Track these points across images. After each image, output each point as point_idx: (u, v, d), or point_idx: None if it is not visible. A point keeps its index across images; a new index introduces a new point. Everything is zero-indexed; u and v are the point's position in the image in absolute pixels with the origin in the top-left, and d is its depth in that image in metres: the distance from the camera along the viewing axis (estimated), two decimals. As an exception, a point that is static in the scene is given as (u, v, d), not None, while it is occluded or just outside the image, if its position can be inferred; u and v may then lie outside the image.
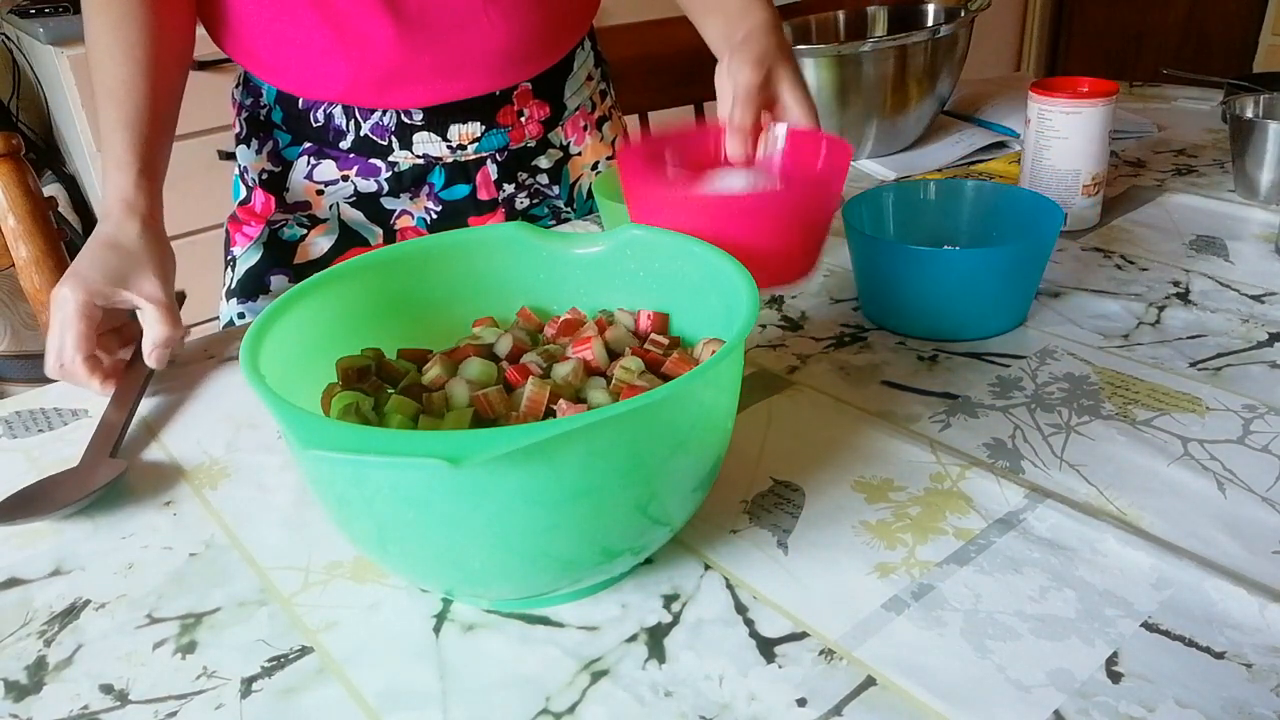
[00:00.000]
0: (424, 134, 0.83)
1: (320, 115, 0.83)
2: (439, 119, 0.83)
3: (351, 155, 0.84)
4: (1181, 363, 0.62)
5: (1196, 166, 0.98)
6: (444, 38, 0.78)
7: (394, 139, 0.83)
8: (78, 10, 1.70)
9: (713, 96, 0.68)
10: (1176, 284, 0.73)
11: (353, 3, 0.75)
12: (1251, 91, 0.95)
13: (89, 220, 1.97)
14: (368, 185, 0.86)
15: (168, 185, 0.78)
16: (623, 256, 0.55)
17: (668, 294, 0.54)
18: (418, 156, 0.85)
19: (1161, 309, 0.69)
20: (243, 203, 0.88)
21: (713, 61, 0.71)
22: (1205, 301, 0.70)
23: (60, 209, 1.85)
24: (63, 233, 0.92)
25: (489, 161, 0.87)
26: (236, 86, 0.88)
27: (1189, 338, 0.65)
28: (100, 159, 1.05)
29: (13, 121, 1.97)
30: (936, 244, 0.73)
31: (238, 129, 0.88)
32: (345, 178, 0.85)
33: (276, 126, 0.85)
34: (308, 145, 0.84)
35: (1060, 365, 0.62)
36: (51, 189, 1.90)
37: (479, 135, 0.85)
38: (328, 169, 0.85)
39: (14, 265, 0.89)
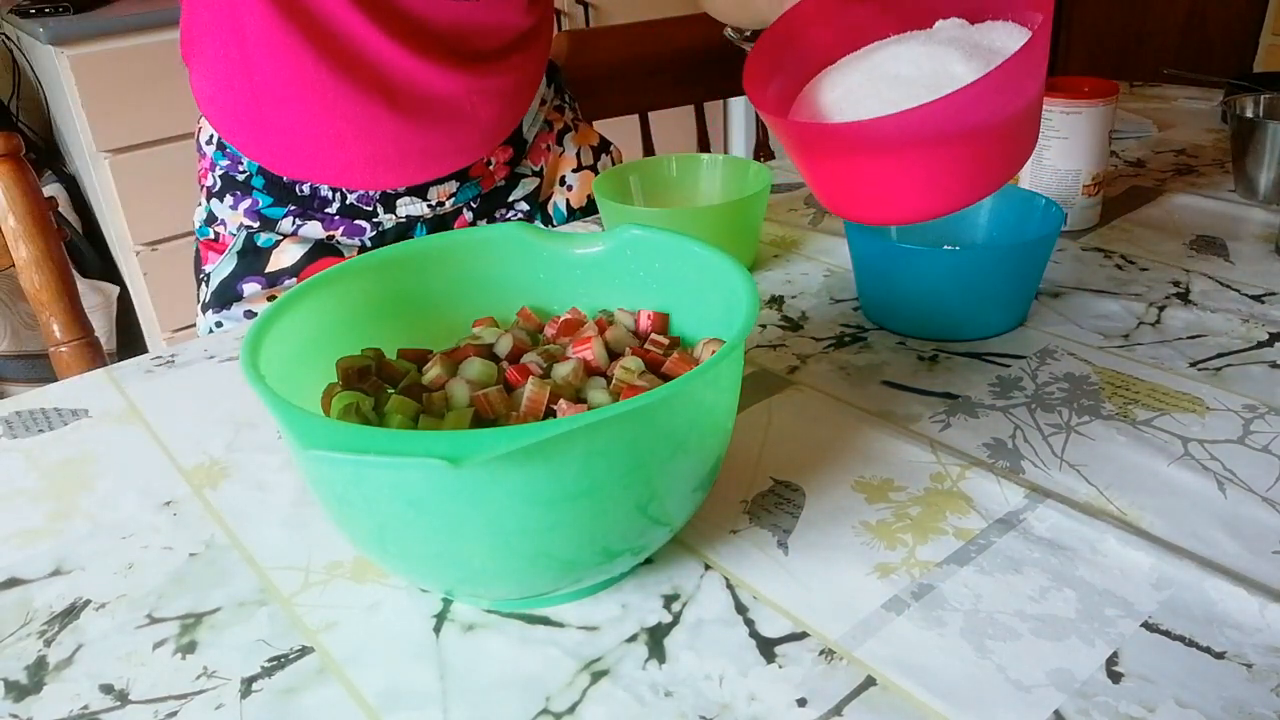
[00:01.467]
0: (406, 198, 0.87)
1: (305, 187, 0.85)
2: (420, 185, 0.86)
3: (337, 218, 0.86)
4: (1182, 363, 0.62)
5: (1197, 166, 0.98)
6: (435, 126, 0.82)
7: (379, 205, 0.86)
8: (78, 10, 1.70)
9: (712, 96, 0.68)
10: (1176, 284, 0.73)
11: (355, 97, 0.78)
12: (1252, 91, 0.95)
13: (89, 220, 1.97)
14: (353, 243, 0.88)
15: (167, 187, 0.79)
16: (623, 256, 0.55)
17: (668, 294, 0.54)
18: (401, 218, 0.87)
19: (1162, 309, 0.69)
20: (211, 239, 0.89)
21: (709, 62, 0.70)
22: (1205, 301, 0.70)
23: (60, 209, 1.85)
24: (63, 233, 0.92)
25: (465, 210, 0.91)
26: (207, 141, 0.88)
27: (1189, 338, 0.65)
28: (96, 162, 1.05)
29: (13, 121, 1.97)
30: (937, 243, 0.73)
31: (210, 183, 0.87)
32: (331, 237, 0.86)
33: (257, 189, 0.85)
34: (292, 208, 0.85)
35: (1060, 365, 0.62)
36: (51, 189, 1.90)
37: (455, 191, 0.88)
38: (314, 229, 0.86)
39: (14, 265, 0.89)
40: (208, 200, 0.88)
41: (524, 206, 0.94)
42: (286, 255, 0.86)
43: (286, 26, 0.74)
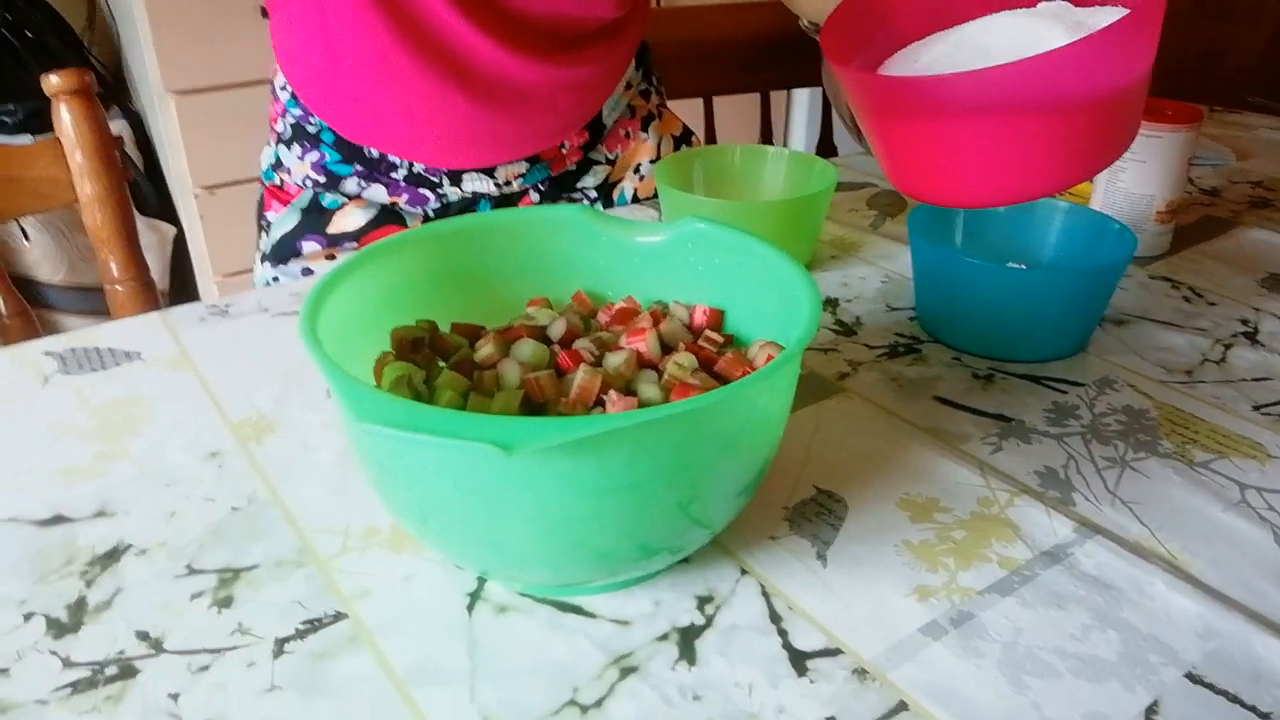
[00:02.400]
0: (473, 173, 0.86)
1: (374, 150, 0.84)
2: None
3: (402, 184, 0.85)
4: (1245, 405, 0.60)
5: (1274, 200, 0.95)
6: (509, 113, 0.81)
7: (445, 177, 0.85)
8: (158, -51, 1.71)
9: (779, 86, 0.65)
10: (1245, 322, 0.71)
11: (430, 77, 0.77)
12: (1341, 128, 0.92)
13: (152, 158, 1.99)
14: (415, 211, 0.87)
15: (232, 132, 0.79)
16: (683, 249, 0.54)
17: (725, 290, 0.53)
18: (466, 192, 0.87)
19: (1228, 347, 0.67)
20: (276, 186, 0.89)
21: (780, 50, 0.68)
22: (1274, 343, 0.68)
23: (124, 147, 1.88)
24: (127, 172, 0.93)
25: (531, 191, 0.90)
26: (282, 87, 0.88)
27: (1254, 380, 0.63)
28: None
29: (84, 54, 2.00)
30: (1002, 259, 0.72)
31: (281, 128, 0.88)
32: (394, 203, 0.86)
33: (325, 144, 0.85)
34: (359, 168, 0.85)
35: (1119, 396, 0.61)
36: (117, 125, 1.93)
37: (524, 171, 0.87)
38: (378, 192, 0.86)
39: (78, 201, 0.90)
40: (276, 145, 0.88)
41: (592, 193, 0.94)
42: (350, 219, 0.86)
43: (367, 1, 0.74)
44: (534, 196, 0.90)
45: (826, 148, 1.47)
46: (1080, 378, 0.63)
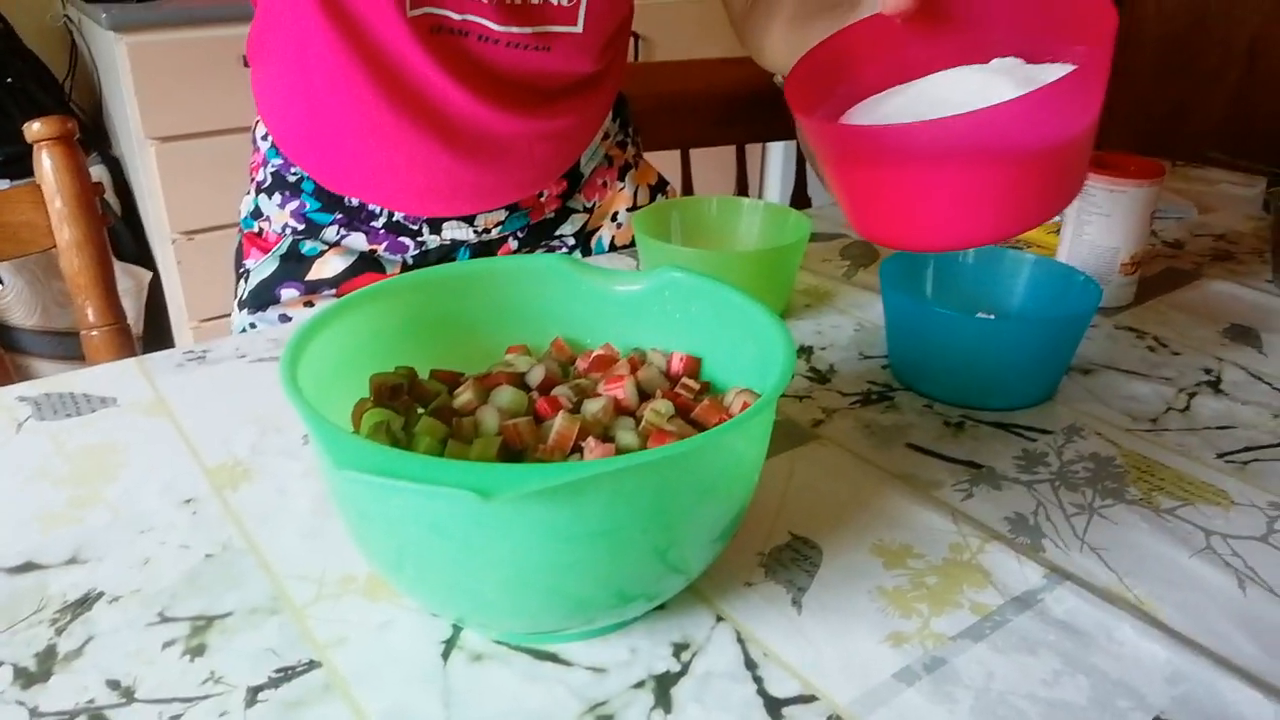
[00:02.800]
0: (453, 222, 0.87)
1: (354, 200, 0.85)
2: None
3: (382, 231, 0.86)
4: (1209, 453, 0.61)
5: (1235, 253, 0.98)
6: (490, 164, 0.82)
7: (424, 225, 0.87)
8: None
9: (754, 139, 0.67)
10: (1208, 371, 0.72)
11: (412, 131, 0.79)
12: (1297, 184, 0.95)
13: (129, 204, 1.99)
14: (395, 259, 0.88)
15: (210, 179, 0.80)
16: (661, 297, 0.55)
17: (702, 338, 0.54)
18: (445, 240, 0.88)
19: (1192, 396, 0.69)
20: (255, 233, 0.90)
21: (754, 105, 0.70)
22: (1236, 392, 0.69)
23: (104, 194, 1.88)
24: (106, 218, 0.93)
25: (510, 238, 0.91)
26: (263, 137, 0.89)
27: (1218, 428, 0.65)
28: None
29: (65, 101, 2.00)
30: (971, 309, 0.73)
31: (261, 177, 0.89)
32: (373, 250, 0.87)
33: (305, 193, 0.86)
34: (339, 216, 0.86)
35: (1087, 444, 0.62)
36: (96, 170, 1.93)
37: (503, 219, 0.89)
38: (357, 240, 0.87)
39: (56, 246, 0.90)
40: (256, 194, 0.89)
41: (570, 240, 0.95)
42: (329, 266, 0.87)
43: (350, 56, 0.75)
44: (513, 244, 0.91)
45: (800, 199, 1.50)
46: (1049, 426, 0.64)
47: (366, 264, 0.88)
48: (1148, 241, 0.82)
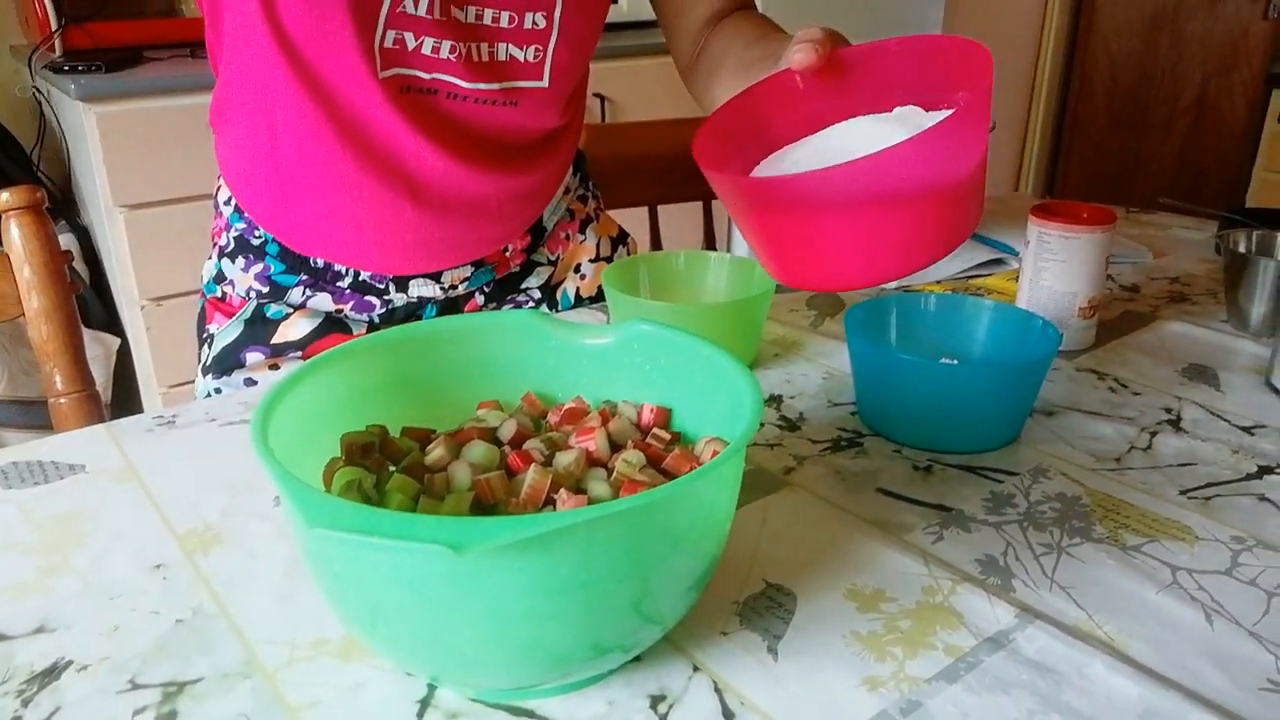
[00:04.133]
0: (419, 279, 0.88)
1: (319, 261, 0.86)
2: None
3: (348, 291, 0.87)
4: (1172, 490, 0.63)
5: (1190, 295, 1.00)
6: (457, 221, 0.84)
7: (390, 284, 0.87)
8: (110, 69, 1.75)
9: (718, 196, 0.68)
10: (1168, 410, 0.74)
11: (378, 188, 0.80)
12: (1245, 225, 0.98)
13: (99, 273, 1.99)
14: (361, 318, 0.89)
15: (179, 245, 0.80)
16: (630, 350, 0.56)
17: (672, 389, 0.55)
18: (411, 297, 0.88)
19: (1153, 434, 0.70)
20: (218, 298, 0.90)
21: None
22: (1196, 430, 0.71)
23: (73, 262, 1.87)
24: (74, 286, 0.93)
25: (477, 294, 0.92)
26: (225, 202, 0.89)
27: (1179, 465, 0.66)
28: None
29: (33, 170, 2.00)
30: (935, 355, 0.75)
31: (224, 242, 0.89)
32: (340, 311, 0.87)
33: (270, 256, 0.87)
34: (304, 277, 0.87)
35: (1053, 484, 0.63)
36: (65, 239, 1.92)
37: (469, 276, 0.90)
38: (323, 300, 0.87)
39: (24, 315, 0.90)
40: (219, 258, 0.89)
41: (536, 294, 0.96)
42: (295, 329, 0.87)
43: (319, 117, 0.76)
44: (479, 299, 0.92)
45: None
46: (1015, 467, 0.65)
47: (333, 325, 0.88)
48: (1105, 286, 0.85)
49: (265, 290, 0.87)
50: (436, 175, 0.80)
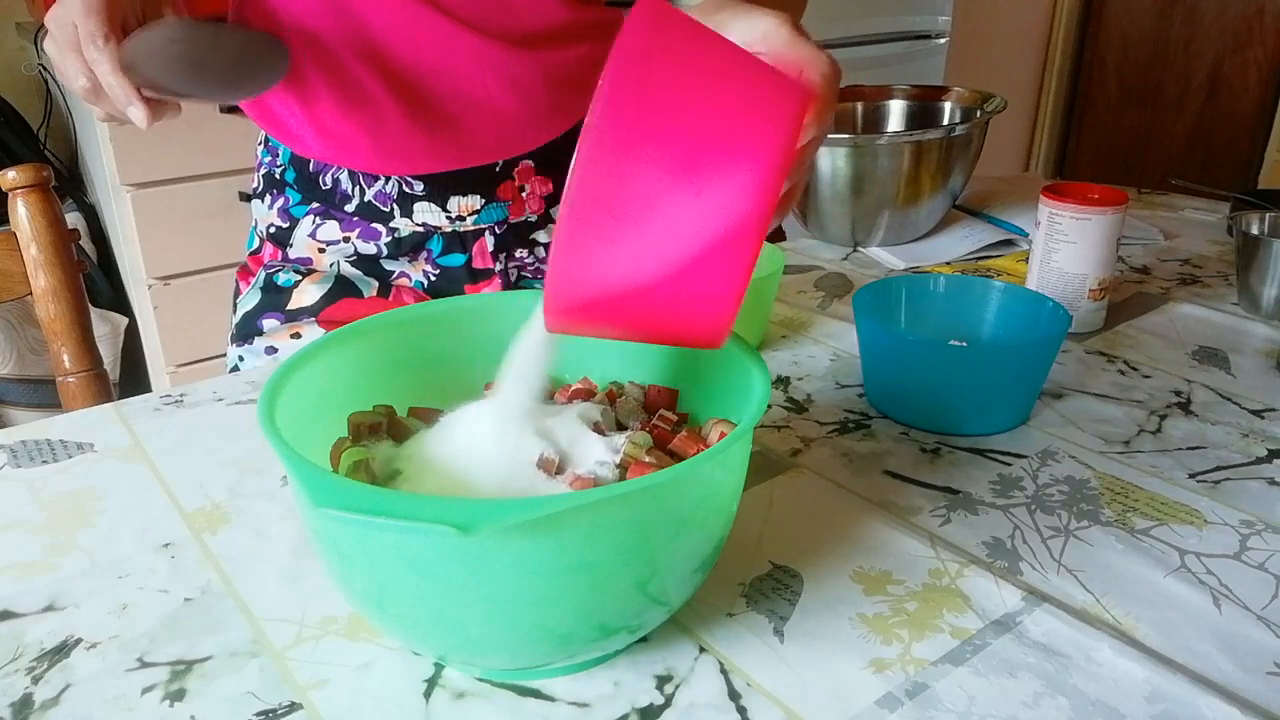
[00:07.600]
0: (424, 204, 0.86)
1: (329, 179, 0.85)
2: (439, 190, 0.85)
3: (355, 218, 0.86)
4: (1181, 473, 0.62)
5: (1201, 277, 1.00)
6: (448, 117, 0.81)
7: (396, 207, 0.86)
8: (115, 47, 1.74)
9: None
10: (1178, 393, 0.74)
11: (364, 83, 0.78)
12: (1257, 207, 0.97)
13: (104, 250, 1.99)
14: (368, 248, 0.88)
15: (186, 224, 0.79)
16: (637, 331, 0.55)
17: (679, 370, 0.55)
18: (417, 224, 0.87)
19: (1163, 418, 0.70)
20: (254, 253, 0.91)
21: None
22: (1206, 413, 0.71)
23: (80, 240, 1.87)
24: (82, 265, 0.93)
25: (487, 233, 0.89)
26: (260, 144, 0.90)
27: (1189, 448, 0.65)
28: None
29: (40, 148, 2.00)
30: (944, 337, 0.74)
31: (256, 184, 0.90)
32: (346, 239, 0.87)
33: (289, 185, 0.87)
34: (315, 205, 0.87)
35: (1061, 467, 0.63)
36: (72, 218, 1.92)
37: (478, 208, 0.87)
38: (331, 229, 0.87)
39: (32, 294, 0.90)
40: (254, 200, 0.90)
41: (543, 251, 0.93)
42: (306, 295, 0.87)
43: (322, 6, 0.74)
44: (488, 239, 0.89)
45: (775, 233, 1.52)
46: (1023, 450, 0.65)
47: (343, 289, 0.88)
48: (1115, 267, 0.84)
49: (284, 225, 0.87)
50: (421, 43, 0.76)
